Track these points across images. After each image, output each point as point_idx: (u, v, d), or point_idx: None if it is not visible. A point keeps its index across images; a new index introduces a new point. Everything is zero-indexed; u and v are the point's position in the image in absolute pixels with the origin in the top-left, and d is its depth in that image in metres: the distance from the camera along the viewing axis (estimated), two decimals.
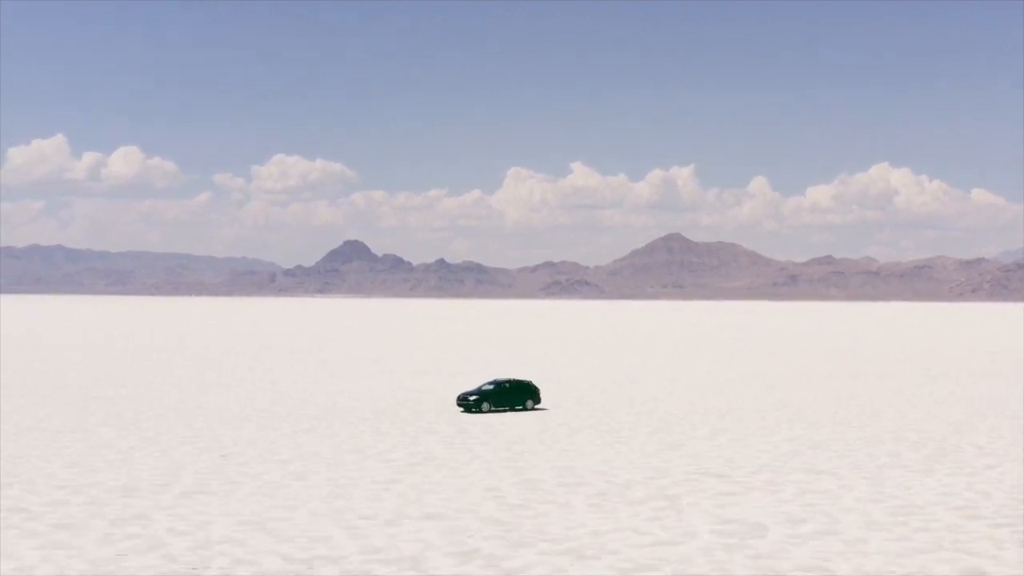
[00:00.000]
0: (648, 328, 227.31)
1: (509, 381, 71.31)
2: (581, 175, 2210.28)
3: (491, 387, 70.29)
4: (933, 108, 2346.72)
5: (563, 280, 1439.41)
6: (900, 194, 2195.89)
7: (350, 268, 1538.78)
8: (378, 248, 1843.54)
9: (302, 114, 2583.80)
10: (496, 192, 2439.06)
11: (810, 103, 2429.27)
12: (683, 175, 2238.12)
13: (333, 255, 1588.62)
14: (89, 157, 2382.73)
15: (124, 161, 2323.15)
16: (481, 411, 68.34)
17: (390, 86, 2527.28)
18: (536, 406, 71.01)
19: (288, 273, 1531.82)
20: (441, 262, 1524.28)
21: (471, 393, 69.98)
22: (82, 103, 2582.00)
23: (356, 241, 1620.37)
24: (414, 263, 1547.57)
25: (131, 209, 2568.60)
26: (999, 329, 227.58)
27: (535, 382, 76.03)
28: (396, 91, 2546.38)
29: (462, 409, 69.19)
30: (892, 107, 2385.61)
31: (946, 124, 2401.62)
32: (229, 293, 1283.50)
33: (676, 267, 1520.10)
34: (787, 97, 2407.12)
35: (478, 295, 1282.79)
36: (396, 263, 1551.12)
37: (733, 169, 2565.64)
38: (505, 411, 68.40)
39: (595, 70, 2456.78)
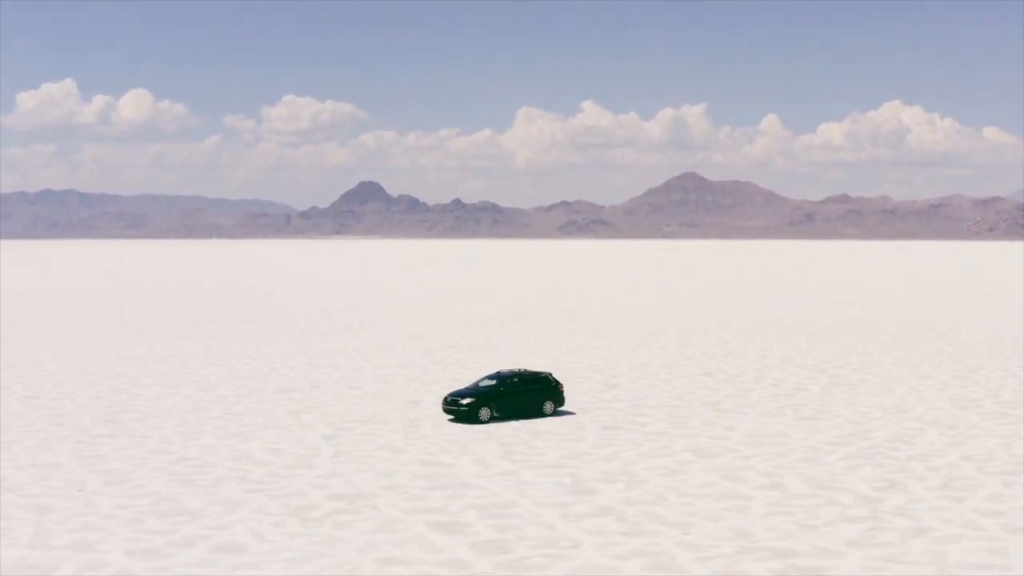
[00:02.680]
0: (681, 274, 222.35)
1: (518, 374, 51.49)
2: (592, 114, 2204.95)
3: (492, 383, 50.62)
4: (944, 46, 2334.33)
5: (579, 220, 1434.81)
6: (912, 132, 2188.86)
7: (365, 209, 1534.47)
8: (392, 189, 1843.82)
9: (311, 55, 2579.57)
10: (507, 131, 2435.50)
11: (820, 40, 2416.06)
12: (694, 113, 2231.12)
13: (348, 196, 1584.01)
14: (99, 100, 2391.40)
15: (134, 104, 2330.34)
16: (479, 420, 49.18)
17: (398, 25, 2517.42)
18: (558, 409, 52.05)
19: (304, 215, 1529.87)
20: (457, 202, 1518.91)
21: (463, 393, 50.40)
22: (90, 46, 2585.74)
23: (371, 182, 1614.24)
24: (430, 203, 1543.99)
25: (142, 152, 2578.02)
26: None
27: (554, 374, 58.04)
28: (404, 30, 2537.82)
29: (451, 417, 50.21)
30: (903, 45, 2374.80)
31: (957, 62, 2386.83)
32: (245, 235, 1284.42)
33: (692, 206, 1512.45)
34: (797, 34, 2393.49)
35: (495, 235, 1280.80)
36: (412, 204, 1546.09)
37: (744, 107, 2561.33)
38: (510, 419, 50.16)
39: (604, 8, 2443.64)
